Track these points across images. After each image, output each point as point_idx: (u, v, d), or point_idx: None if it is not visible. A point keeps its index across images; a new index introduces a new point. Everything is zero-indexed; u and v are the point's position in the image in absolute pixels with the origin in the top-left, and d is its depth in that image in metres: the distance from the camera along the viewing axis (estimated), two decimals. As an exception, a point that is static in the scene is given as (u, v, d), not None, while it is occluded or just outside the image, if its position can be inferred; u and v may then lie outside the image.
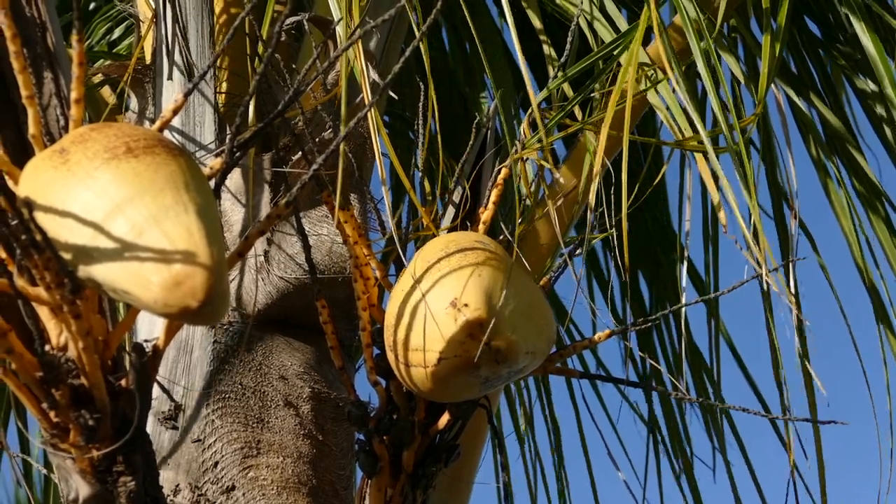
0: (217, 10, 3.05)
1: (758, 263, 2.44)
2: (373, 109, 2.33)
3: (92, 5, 4.07)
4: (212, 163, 1.91)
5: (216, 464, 2.52)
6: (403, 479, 2.39)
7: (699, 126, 2.59)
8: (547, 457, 4.04)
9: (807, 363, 3.01)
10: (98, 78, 3.27)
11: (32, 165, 1.78)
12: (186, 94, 1.93)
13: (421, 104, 2.57)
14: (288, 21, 2.86)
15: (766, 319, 2.79)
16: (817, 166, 3.42)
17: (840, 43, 3.59)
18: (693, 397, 2.68)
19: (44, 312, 1.90)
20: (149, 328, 2.61)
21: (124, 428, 1.89)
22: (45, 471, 3.71)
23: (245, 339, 2.66)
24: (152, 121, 2.87)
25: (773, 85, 3.46)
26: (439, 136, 2.51)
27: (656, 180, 3.49)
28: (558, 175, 2.90)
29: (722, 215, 2.73)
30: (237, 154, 1.93)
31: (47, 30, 2.09)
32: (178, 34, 2.78)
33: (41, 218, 1.67)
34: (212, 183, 1.88)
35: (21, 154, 1.98)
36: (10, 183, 1.79)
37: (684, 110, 3.32)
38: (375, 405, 2.44)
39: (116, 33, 4.08)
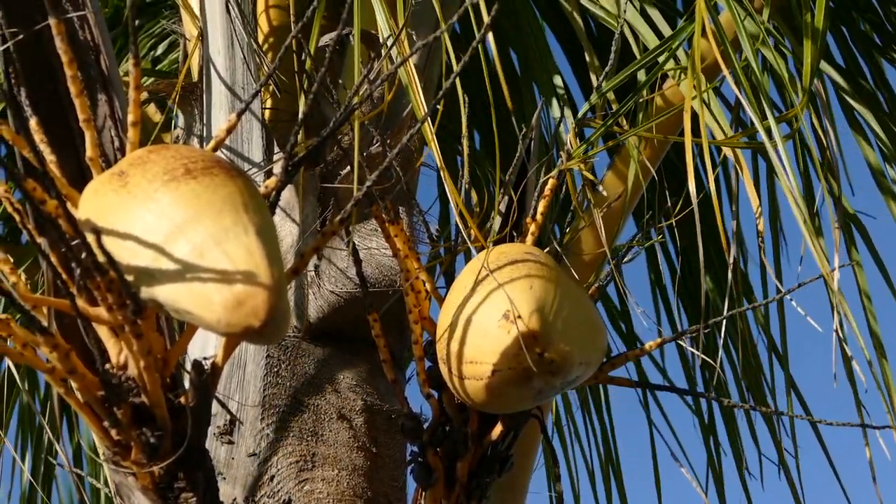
0: (263, 26, 3.07)
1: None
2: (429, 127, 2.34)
3: (135, 22, 4.09)
4: (267, 182, 1.93)
5: (272, 477, 2.54)
6: (458, 490, 2.40)
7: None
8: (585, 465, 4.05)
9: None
10: (143, 95, 3.30)
11: (92, 188, 1.81)
12: (240, 114, 1.95)
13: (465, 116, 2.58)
14: (331, 36, 2.89)
15: (835, 327, 2.77)
16: (873, 169, 3.42)
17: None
18: (742, 404, 2.67)
19: (103, 332, 1.93)
20: (201, 345, 2.62)
21: (184, 444, 1.92)
22: (99, 484, 3.75)
23: (298, 354, 2.68)
24: (200, 137, 2.89)
25: (823, 83, 3.46)
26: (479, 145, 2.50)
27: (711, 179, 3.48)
28: (602, 189, 2.91)
29: (760, 222, 2.73)
30: (291, 172, 1.95)
31: (101, 53, 2.13)
32: (226, 51, 2.80)
33: (103, 240, 1.69)
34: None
35: (78, 177, 2.01)
36: (68, 205, 1.82)
37: (737, 105, 3.32)
38: (427, 417, 2.45)
39: (160, 49, 4.12)
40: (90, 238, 1.66)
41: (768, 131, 2.58)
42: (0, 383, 3.87)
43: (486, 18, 2.53)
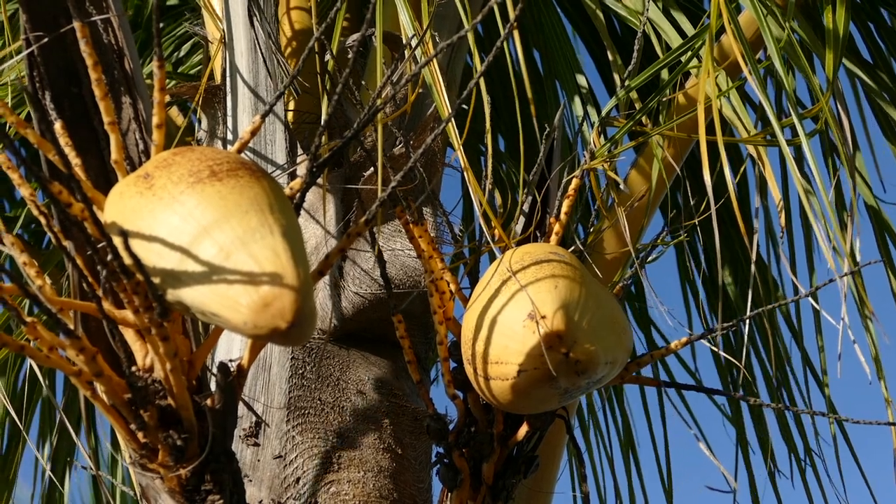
0: (285, 28, 3.07)
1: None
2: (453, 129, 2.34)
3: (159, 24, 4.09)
4: (291, 183, 1.93)
5: (298, 479, 2.54)
6: (484, 492, 2.40)
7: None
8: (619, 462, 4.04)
9: None
10: (166, 98, 3.29)
11: (117, 191, 1.81)
12: (263, 116, 1.95)
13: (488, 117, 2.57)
14: (355, 37, 2.88)
15: (843, 315, 2.77)
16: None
17: None
18: (767, 403, 2.65)
19: (129, 334, 1.93)
20: (226, 347, 2.63)
21: (211, 447, 1.92)
22: (123, 487, 3.76)
23: (323, 355, 2.68)
24: (224, 140, 2.89)
25: (853, 84, 3.44)
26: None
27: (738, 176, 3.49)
28: (625, 188, 2.91)
29: (782, 218, 2.71)
30: (315, 173, 1.95)
31: (124, 55, 2.13)
32: (249, 54, 2.80)
33: (129, 243, 1.69)
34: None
35: (103, 179, 2.02)
36: (94, 208, 1.82)
37: (760, 105, 3.32)
38: (453, 418, 2.45)
39: (183, 51, 4.12)
40: (117, 241, 1.66)
41: (791, 129, 2.57)
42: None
43: (511, 15, 2.53)
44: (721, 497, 3.80)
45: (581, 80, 3.39)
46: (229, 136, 2.85)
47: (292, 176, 2.75)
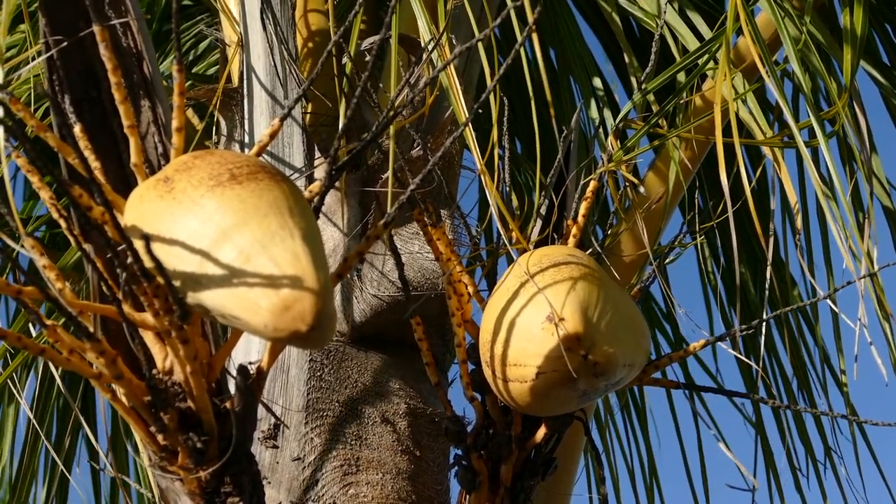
0: (302, 30, 3.08)
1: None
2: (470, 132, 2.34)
3: (178, 27, 4.09)
4: (311, 186, 1.93)
5: (317, 481, 2.54)
6: (502, 493, 2.40)
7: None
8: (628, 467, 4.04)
9: None
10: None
11: (137, 194, 1.81)
12: (282, 119, 1.96)
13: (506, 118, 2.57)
14: (372, 40, 2.89)
15: (859, 315, 2.76)
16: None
17: None
18: (785, 404, 2.65)
19: (148, 337, 1.94)
20: (244, 349, 2.63)
21: (231, 449, 1.92)
22: (139, 487, 3.77)
23: (341, 357, 2.68)
24: (241, 143, 2.90)
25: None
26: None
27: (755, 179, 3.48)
28: (643, 190, 2.91)
29: (798, 220, 2.71)
30: (334, 176, 1.95)
31: (143, 59, 2.13)
32: (266, 57, 2.80)
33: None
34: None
35: (122, 183, 2.02)
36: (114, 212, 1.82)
37: (776, 106, 3.31)
38: (471, 420, 2.45)
39: (199, 49, 4.13)
40: (138, 244, 1.66)
41: (809, 130, 2.57)
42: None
43: (529, 18, 2.53)
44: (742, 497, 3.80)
45: (597, 81, 3.39)
46: (246, 139, 2.86)
47: (310, 179, 2.76)
